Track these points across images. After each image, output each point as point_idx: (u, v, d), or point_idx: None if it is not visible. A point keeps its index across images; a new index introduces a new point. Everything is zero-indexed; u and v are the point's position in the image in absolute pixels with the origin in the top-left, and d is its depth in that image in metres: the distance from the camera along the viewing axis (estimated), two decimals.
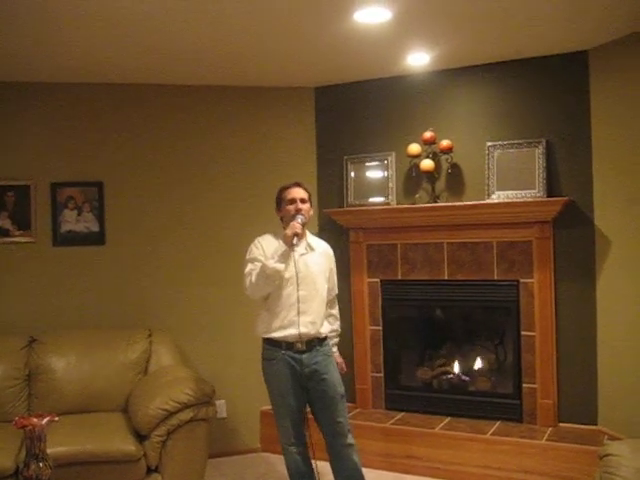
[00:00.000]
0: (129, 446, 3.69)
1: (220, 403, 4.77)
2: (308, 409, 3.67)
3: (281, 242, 3.47)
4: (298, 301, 3.50)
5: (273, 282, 3.48)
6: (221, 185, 4.99)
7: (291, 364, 3.52)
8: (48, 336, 4.36)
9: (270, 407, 4.91)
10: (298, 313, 3.50)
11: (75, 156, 4.74)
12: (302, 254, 3.59)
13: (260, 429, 5.00)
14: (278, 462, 4.67)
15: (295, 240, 3.44)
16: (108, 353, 4.34)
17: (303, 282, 3.53)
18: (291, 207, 3.59)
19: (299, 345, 3.52)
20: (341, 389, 3.60)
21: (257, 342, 4.63)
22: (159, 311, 4.83)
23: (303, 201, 3.61)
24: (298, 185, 3.69)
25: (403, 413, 4.80)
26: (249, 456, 4.92)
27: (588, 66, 4.29)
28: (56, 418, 2.81)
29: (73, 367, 4.24)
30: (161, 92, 4.87)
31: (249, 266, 3.58)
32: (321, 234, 4.57)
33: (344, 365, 3.85)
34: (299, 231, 3.45)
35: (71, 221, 4.73)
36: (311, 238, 3.72)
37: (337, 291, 3.85)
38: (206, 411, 3.88)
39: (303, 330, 3.49)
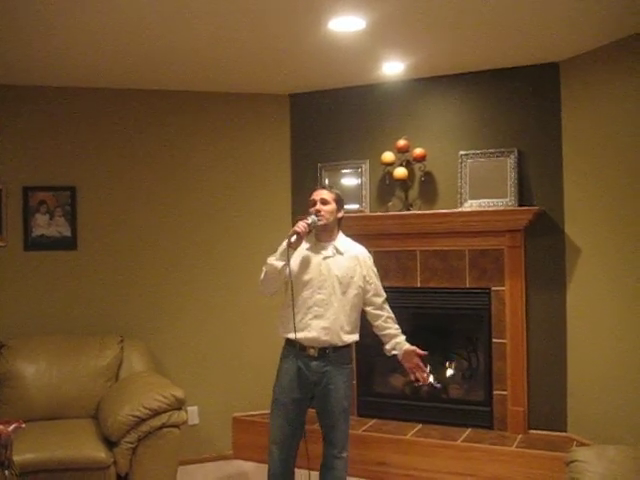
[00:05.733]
0: (99, 453, 3.67)
1: (192, 409, 4.76)
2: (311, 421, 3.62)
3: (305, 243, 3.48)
4: (315, 304, 3.45)
5: (273, 280, 3.47)
6: (195, 191, 4.97)
7: (300, 367, 3.45)
8: (18, 341, 4.31)
9: (243, 414, 4.95)
10: (314, 317, 3.44)
11: (48, 160, 4.70)
12: (326, 257, 3.51)
13: (232, 436, 4.97)
14: (250, 469, 4.68)
15: (293, 238, 3.36)
16: (78, 359, 4.30)
17: (323, 285, 3.45)
18: (311, 209, 3.52)
19: (311, 351, 3.44)
20: (345, 403, 3.51)
21: (230, 348, 4.63)
22: (132, 317, 4.79)
23: (324, 202, 3.51)
24: (323, 187, 3.67)
25: (375, 420, 4.81)
26: (221, 463, 4.89)
27: (559, 77, 4.36)
28: (23, 425, 2.78)
29: (43, 373, 4.19)
30: (136, 97, 4.85)
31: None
32: None
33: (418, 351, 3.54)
34: (299, 230, 3.36)
35: (43, 225, 4.68)
36: (342, 241, 3.60)
37: (385, 295, 3.66)
38: (177, 418, 3.86)
39: (315, 334, 3.41)
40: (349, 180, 4.94)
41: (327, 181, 4.93)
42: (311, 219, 3.45)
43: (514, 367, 4.46)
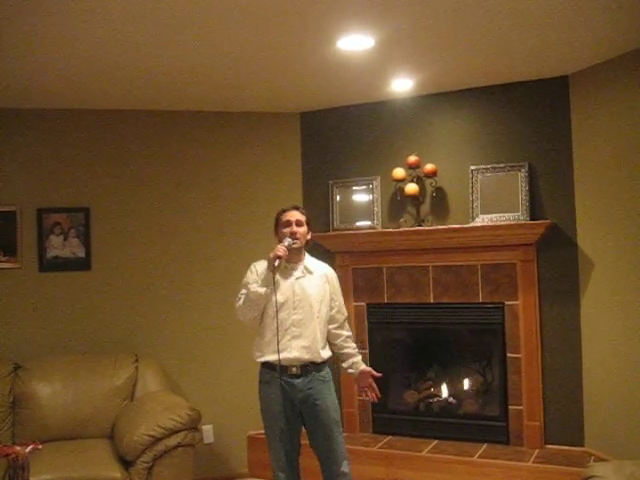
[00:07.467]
0: (114, 473, 3.68)
1: (207, 428, 4.76)
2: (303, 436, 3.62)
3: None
4: (292, 325, 3.47)
5: (257, 305, 3.47)
6: (208, 211, 5.00)
7: (285, 388, 3.45)
8: (33, 363, 4.34)
9: (257, 432, 4.92)
10: (292, 337, 3.45)
11: (61, 182, 4.75)
12: (298, 277, 3.55)
13: (247, 454, 4.96)
14: None
15: (277, 262, 3.39)
16: (94, 379, 4.32)
17: (298, 306, 3.49)
18: (286, 230, 3.54)
19: (294, 369, 3.46)
20: (335, 415, 3.53)
21: (244, 366, 4.61)
22: (146, 336, 4.81)
23: (299, 224, 3.56)
24: (295, 208, 3.65)
25: (390, 437, 4.80)
26: None
27: (569, 90, 4.37)
28: (40, 446, 2.79)
29: (58, 394, 4.22)
30: (147, 118, 4.90)
31: (242, 290, 3.54)
32: None
33: (373, 373, 3.70)
34: (281, 254, 3.40)
35: (57, 247, 4.72)
36: (310, 261, 3.65)
37: (346, 313, 3.76)
38: (192, 437, 3.87)
39: (296, 354, 3.44)
40: (360, 197, 4.95)
41: (339, 198, 4.95)
42: (287, 242, 3.48)
43: (529, 381, 4.44)
